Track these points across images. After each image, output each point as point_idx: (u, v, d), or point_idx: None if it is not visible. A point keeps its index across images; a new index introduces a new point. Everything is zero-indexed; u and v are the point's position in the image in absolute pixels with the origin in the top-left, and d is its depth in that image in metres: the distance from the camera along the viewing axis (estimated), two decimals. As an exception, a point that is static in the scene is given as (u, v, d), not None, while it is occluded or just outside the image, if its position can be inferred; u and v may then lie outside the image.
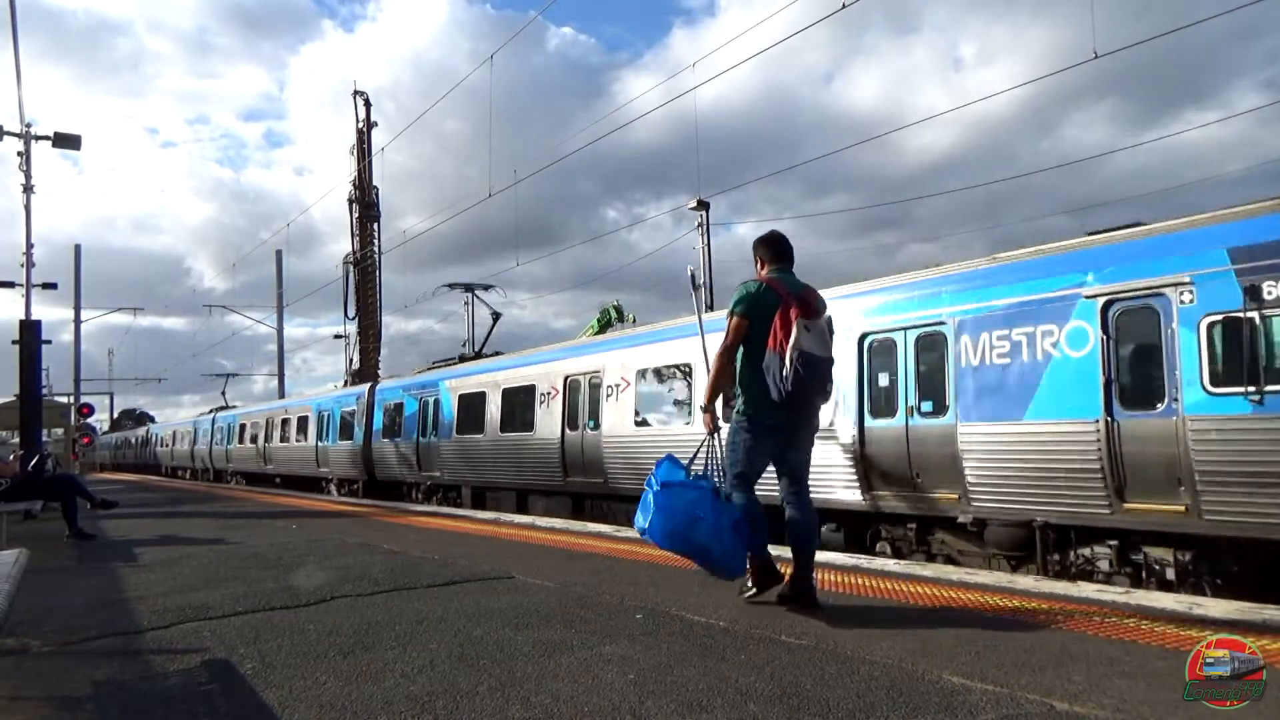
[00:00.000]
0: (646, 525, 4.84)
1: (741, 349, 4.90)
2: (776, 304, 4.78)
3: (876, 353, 9.07)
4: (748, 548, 4.85)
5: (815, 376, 4.72)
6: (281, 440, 27.46)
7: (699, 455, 5.07)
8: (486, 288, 23.32)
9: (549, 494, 14.48)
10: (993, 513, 7.87)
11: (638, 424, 12.40)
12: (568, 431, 13.76)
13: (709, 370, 5.27)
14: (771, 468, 5.00)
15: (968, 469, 7.99)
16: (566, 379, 13.92)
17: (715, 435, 5.10)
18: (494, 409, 15.89)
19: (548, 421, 14.28)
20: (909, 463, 8.53)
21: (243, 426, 32.15)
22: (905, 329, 8.78)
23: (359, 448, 21.56)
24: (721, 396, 5.23)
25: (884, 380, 8.96)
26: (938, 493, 8.28)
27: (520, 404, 15.20)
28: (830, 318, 5.59)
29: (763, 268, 5.14)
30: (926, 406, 8.50)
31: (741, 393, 4.95)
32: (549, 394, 14.28)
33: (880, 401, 8.96)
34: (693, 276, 6.91)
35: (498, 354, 18.08)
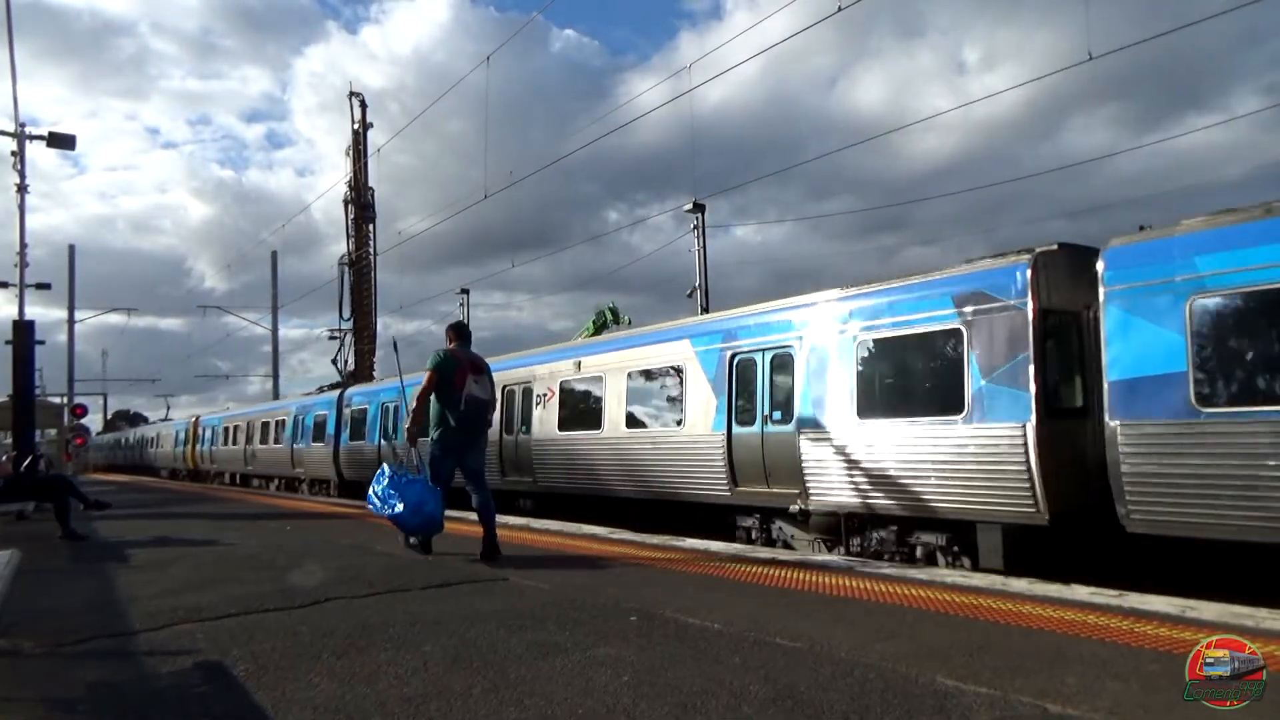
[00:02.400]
0: (398, 510, 7.40)
1: (434, 395, 7.26)
2: (456, 365, 7.25)
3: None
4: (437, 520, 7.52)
5: (479, 411, 7.33)
6: (571, 425, 13.58)
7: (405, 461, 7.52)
8: None
9: None
10: None
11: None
12: None
13: (408, 410, 7.56)
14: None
15: None
16: None
17: (415, 448, 7.58)
18: None
19: None
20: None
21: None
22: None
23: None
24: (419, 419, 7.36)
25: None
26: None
27: None
28: (491, 373, 7.68)
29: (450, 341, 7.69)
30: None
31: (433, 423, 7.33)
32: None
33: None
34: (395, 345, 9.57)
35: None
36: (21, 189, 19.81)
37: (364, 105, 37.00)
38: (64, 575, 7.34)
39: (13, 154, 19.69)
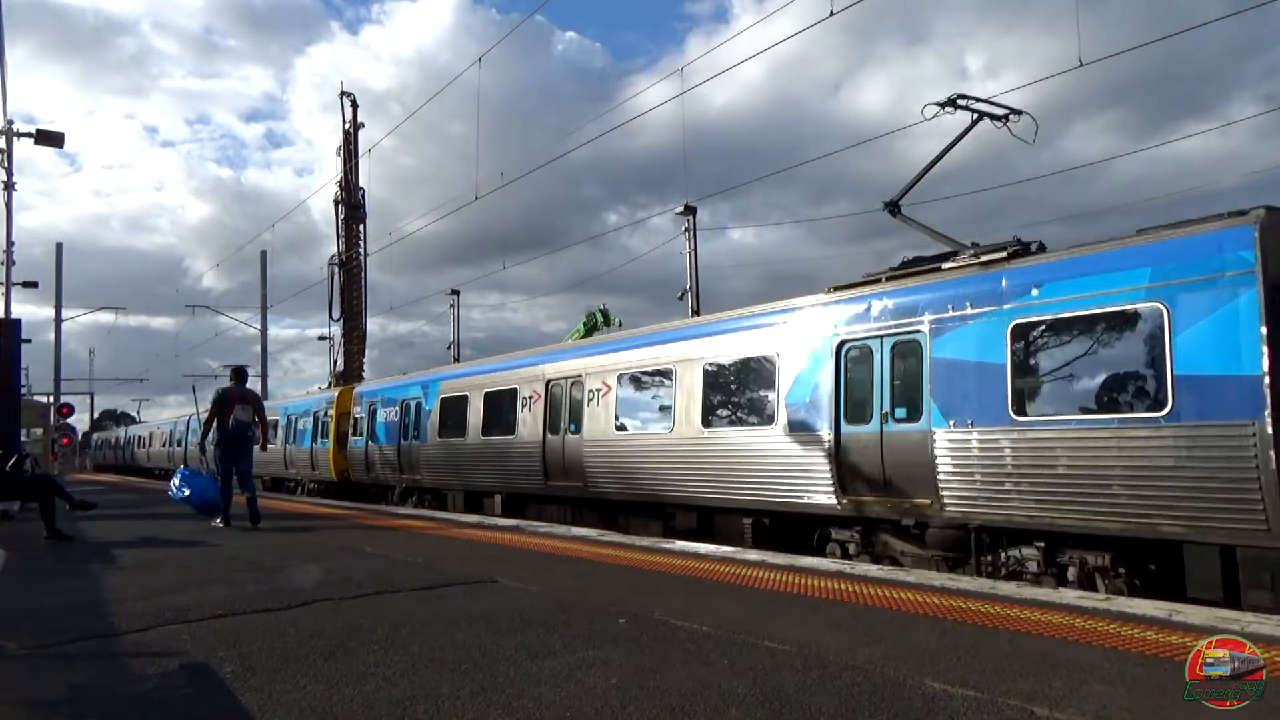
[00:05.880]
0: (186, 495, 11.90)
1: (218, 417, 11.13)
2: (228, 399, 11.13)
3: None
4: (221, 503, 11.03)
5: (240, 429, 11.07)
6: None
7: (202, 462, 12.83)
8: None
9: None
10: None
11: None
12: None
13: (200, 426, 12.45)
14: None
15: None
16: None
17: (205, 453, 11.46)
18: None
19: None
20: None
21: None
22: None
23: None
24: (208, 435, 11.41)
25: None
26: None
27: None
28: (256, 403, 11.72)
29: (232, 381, 11.77)
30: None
31: (214, 436, 11.15)
32: None
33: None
34: (194, 389, 13.56)
35: None
36: (9, 186, 19.74)
37: (355, 105, 36.84)
38: (48, 575, 7.28)
39: (0, 151, 19.62)
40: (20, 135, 19.87)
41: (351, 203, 36.21)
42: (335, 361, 35.81)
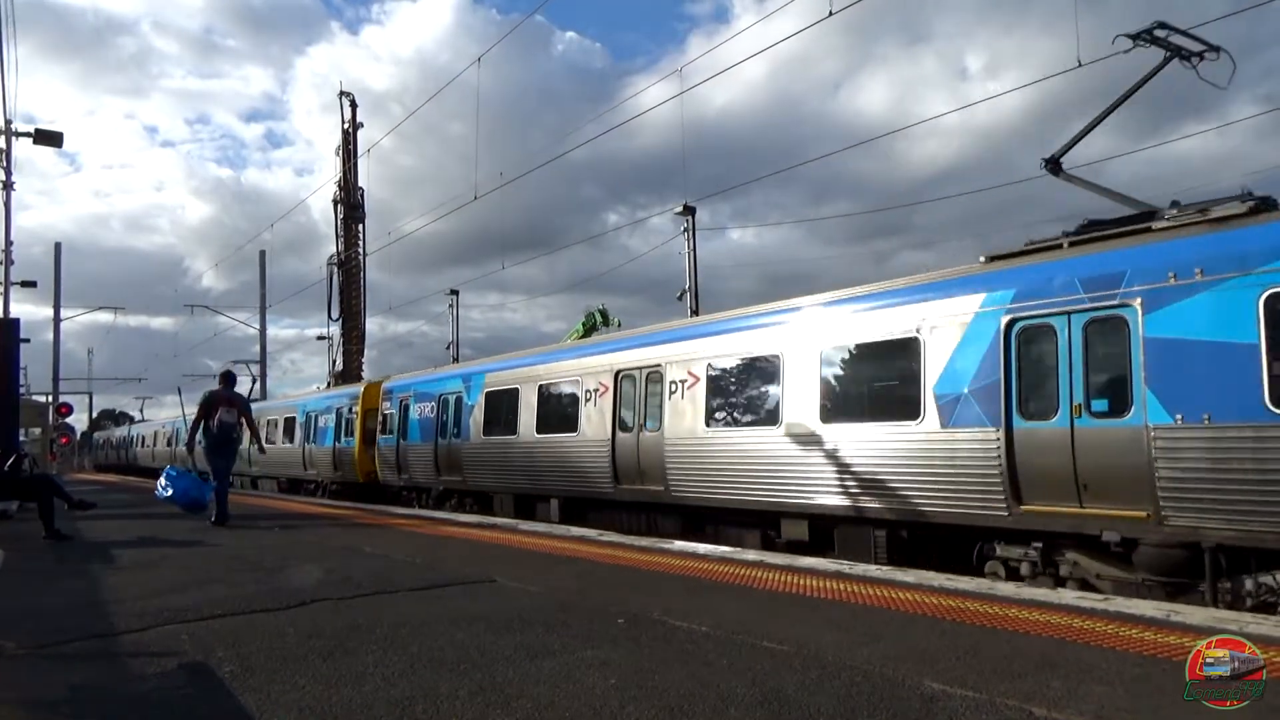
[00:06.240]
0: (170, 495, 11.96)
1: (205, 418, 11.45)
2: (214, 401, 11.49)
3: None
4: (217, 502, 11.14)
5: (225, 430, 11.41)
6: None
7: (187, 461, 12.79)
8: None
9: None
10: None
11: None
12: None
13: (187, 427, 12.19)
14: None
15: None
16: None
17: (192, 454, 11.85)
18: None
19: None
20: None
21: None
22: None
23: None
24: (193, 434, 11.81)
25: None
26: None
27: None
28: (242, 406, 11.87)
29: (220, 384, 12.03)
30: None
31: (202, 436, 11.46)
32: None
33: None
34: (180, 390, 12.25)
35: None
36: (8, 185, 19.75)
37: (354, 105, 36.92)
38: (47, 575, 7.28)
39: (-1, 151, 19.65)
40: (19, 135, 19.92)
41: (350, 203, 36.26)
42: (334, 361, 35.83)
